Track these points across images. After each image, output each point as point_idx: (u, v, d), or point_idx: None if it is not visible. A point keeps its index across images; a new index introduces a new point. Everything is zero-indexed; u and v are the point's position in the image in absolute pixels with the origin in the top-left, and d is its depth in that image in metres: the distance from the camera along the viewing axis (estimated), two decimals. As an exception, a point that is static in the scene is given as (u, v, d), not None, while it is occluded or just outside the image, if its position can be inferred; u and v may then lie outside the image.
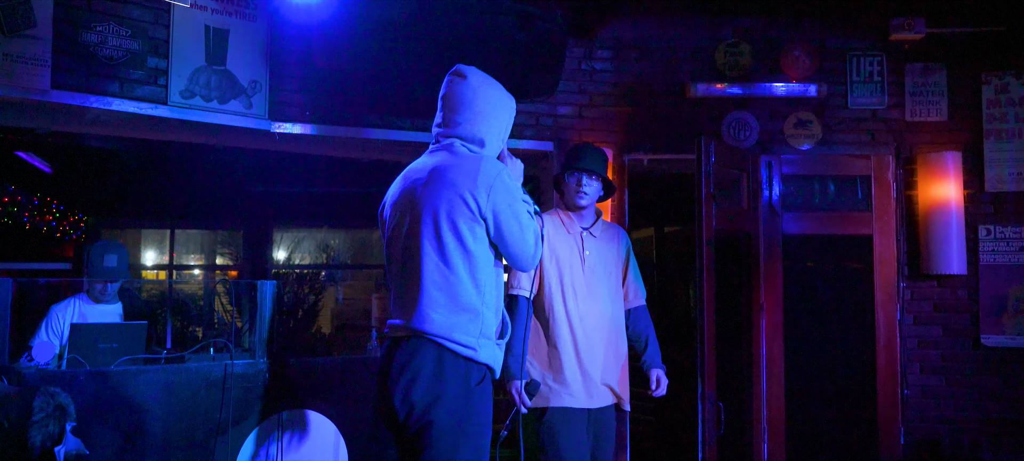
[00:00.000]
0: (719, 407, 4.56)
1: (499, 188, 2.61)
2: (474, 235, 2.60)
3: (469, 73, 2.78)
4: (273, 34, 4.68)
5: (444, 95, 2.79)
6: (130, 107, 4.25)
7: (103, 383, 3.79)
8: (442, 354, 2.57)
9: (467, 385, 2.58)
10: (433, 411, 2.55)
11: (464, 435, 2.56)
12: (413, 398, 2.56)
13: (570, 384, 3.59)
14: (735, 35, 5.33)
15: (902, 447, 5.08)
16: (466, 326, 2.59)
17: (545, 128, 5.25)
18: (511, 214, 2.63)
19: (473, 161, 2.64)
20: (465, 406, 2.58)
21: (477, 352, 2.60)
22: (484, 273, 2.64)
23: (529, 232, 2.68)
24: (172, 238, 10.42)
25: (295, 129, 4.71)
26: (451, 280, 2.59)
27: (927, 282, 5.21)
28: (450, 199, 2.59)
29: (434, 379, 2.56)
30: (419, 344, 2.59)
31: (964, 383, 5.14)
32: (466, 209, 2.58)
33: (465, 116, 2.73)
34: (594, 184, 3.74)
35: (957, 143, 5.24)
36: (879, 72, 5.33)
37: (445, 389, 2.55)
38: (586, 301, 3.66)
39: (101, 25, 4.17)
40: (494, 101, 2.78)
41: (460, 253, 2.60)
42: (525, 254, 2.70)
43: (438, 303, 2.59)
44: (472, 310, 2.61)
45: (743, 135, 5.26)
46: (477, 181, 2.59)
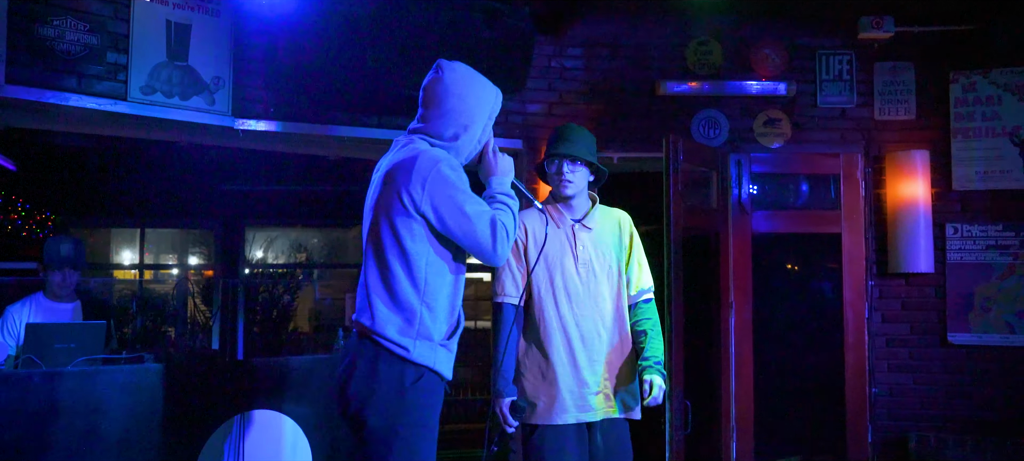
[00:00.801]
0: (687, 405, 4.55)
1: (435, 181, 2.51)
2: (411, 233, 2.54)
3: (445, 69, 2.69)
4: (237, 29, 4.61)
5: (422, 88, 2.73)
6: (89, 103, 4.18)
7: (59, 384, 3.71)
8: (379, 352, 2.55)
9: (401, 385, 2.53)
10: (366, 409, 2.53)
11: (397, 436, 2.51)
12: (349, 394, 2.55)
13: (565, 399, 3.17)
14: (705, 33, 5.32)
15: (870, 445, 5.09)
16: (401, 325, 2.55)
17: (515, 126, 5.22)
18: (452, 205, 2.52)
19: (411, 157, 2.56)
20: (397, 406, 2.52)
21: (410, 352, 2.53)
22: (426, 272, 2.56)
23: (481, 222, 2.54)
24: (142, 237, 10.28)
25: (259, 126, 4.64)
26: (388, 278, 2.56)
27: (895, 280, 5.22)
28: (388, 197, 2.56)
29: (368, 377, 2.54)
30: (360, 341, 2.59)
31: (931, 381, 5.16)
32: (400, 206, 2.53)
33: (434, 113, 2.65)
34: (579, 170, 3.28)
35: (925, 142, 5.25)
36: (848, 71, 5.33)
37: (377, 388, 2.53)
38: (583, 303, 3.24)
39: (58, 19, 4.09)
40: (468, 100, 2.67)
41: (396, 252, 2.55)
42: (483, 247, 2.56)
43: (376, 301, 2.57)
44: (409, 309, 2.55)
45: (713, 133, 5.25)
46: (411, 177, 2.51)
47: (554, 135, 3.38)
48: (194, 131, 4.71)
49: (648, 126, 5.26)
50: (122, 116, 4.33)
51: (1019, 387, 5.04)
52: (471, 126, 2.68)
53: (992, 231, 5.12)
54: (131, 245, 10.79)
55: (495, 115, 2.77)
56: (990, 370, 5.10)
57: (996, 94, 5.17)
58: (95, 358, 3.91)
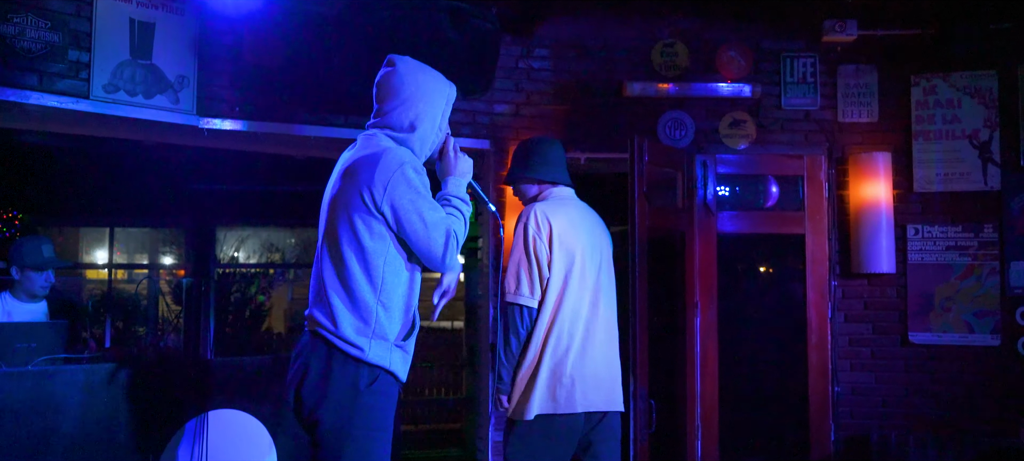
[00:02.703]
0: (651, 405, 4.58)
1: (397, 181, 2.51)
2: (370, 231, 2.53)
3: (398, 61, 2.73)
4: (202, 28, 4.59)
5: (376, 85, 2.75)
6: (50, 101, 4.14)
7: (17, 384, 3.69)
8: (332, 352, 2.52)
9: (355, 386, 2.50)
10: (319, 410, 2.50)
11: (350, 438, 2.48)
12: (303, 394, 2.53)
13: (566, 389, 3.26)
14: (671, 35, 5.36)
15: (832, 444, 5.15)
16: (357, 324, 2.52)
17: (482, 126, 5.23)
18: (412, 209, 2.53)
19: (375, 154, 2.56)
20: (350, 408, 2.49)
21: (365, 352, 2.51)
22: (384, 270, 2.55)
23: (436, 230, 2.56)
24: (111, 236, 10.21)
25: (225, 125, 4.63)
26: (346, 276, 2.53)
27: (858, 281, 5.29)
28: (348, 192, 2.54)
29: (322, 378, 2.51)
30: (313, 340, 2.56)
31: (892, 380, 5.23)
32: (361, 203, 2.51)
33: (392, 104, 2.67)
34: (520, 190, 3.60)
35: (887, 144, 5.32)
36: (812, 73, 5.40)
37: (331, 389, 2.50)
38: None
39: (18, 16, 4.05)
40: (424, 87, 2.70)
41: (354, 249, 2.53)
42: (433, 255, 2.58)
43: (333, 299, 2.53)
44: (365, 308, 2.52)
45: (679, 134, 5.30)
46: (374, 174, 2.51)
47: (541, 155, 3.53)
48: (159, 130, 4.68)
49: (615, 127, 5.29)
50: (85, 115, 4.30)
51: (978, 385, 5.12)
52: (429, 112, 2.70)
53: (952, 232, 5.20)
54: (101, 244, 10.72)
55: (451, 104, 2.80)
56: (950, 369, 5.17)
57: (956, 97, 5.26)
58: (56, 358, 3.89)
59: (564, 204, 3.44)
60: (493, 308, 5.13)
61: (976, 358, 5.13)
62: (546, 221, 3.29)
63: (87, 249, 10.93)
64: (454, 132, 5.08)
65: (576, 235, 3.36)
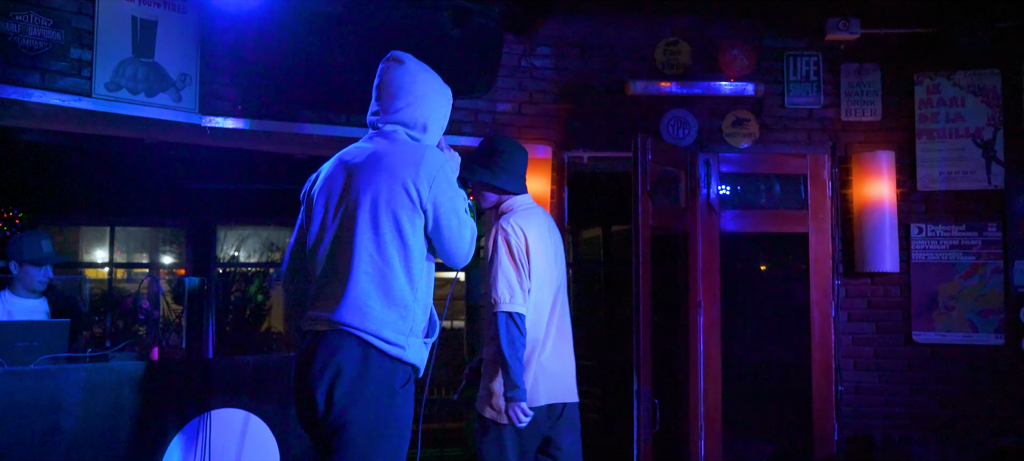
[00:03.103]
0: (655, 404, 4.57)
1: (442, 180, 2.52)
2: (413, 227, 2.49)
3: (406, 59, 2.68)
4: (204, 26, 4.58)
5: (380, 83, 2.68)
6: (52, 99, 4.13)
7: (19, 382, 3.67)
8: (368, 352, 2.44)
9: (392, 387, 2.46)
10: (352, 411, 2.42)
11: (381, 439, 2.45)
12: (335, 396, 2.43)
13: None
14: (674, 34, 5.35)
15: (836, 443, 5.14)
16: (396, 323, 2.47)
17: (484, 125, 5.22)
18: (451, 208, 2.53)
19: (416, 149, 2.54)
20: (386, 409, 2.46)
21: (405, 351, 2.48)
22: (418, 268, 2.52)
23: (466, 229, 2.58)
24: (112, 235, 10.19)
25: (227, 123, 4.62)
26: (385, 273, 2.47)
27: (861, 280, 5.28)
28: (391, 188, 2.48)
29: (358, 378, 2.43)
30: (344, 339, 2.45)
31: (896, 379, 5.22)
32: (407, 199, 2.47)
33: (405, 101, 2.62)
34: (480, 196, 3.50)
35: (891, 143, 5.31)
36: (815, 72, 5.39)
37: (367, 390, 2.43)
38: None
39: (21, 14, 4.04)
40: (433, 87, 2.69)
41: (397, 245, 2.48)
42: (461, 251, 2.60)
43: (369, 296, 2.46)
44: (404, 306, 2.49)
45: (682, 133, 5.28)
46: (420, 170, 2.48)
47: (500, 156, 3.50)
48: (161, 128, 4.67)
49: (618, 126, 5.28)
50: (87, 113, 4.28)
51: (981, 384, 5.11)
52: (437, 114, 2.69)
53: (955, 231, 5.19)
54: (102, 243, 10.70)
55: (450, 108, 2.79)
56: (953, 368, 5.16)
57: (959, 96, 5.25)
58: (58, 356, 3.88)
59: (532, 213, 3.45)
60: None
61: (980, 357, 5.12)
62: (523, 232, 3.30)
63: (87, 248, 10.91)
64: (456, 130, 5.11)
65: (544, 243, 3.39)
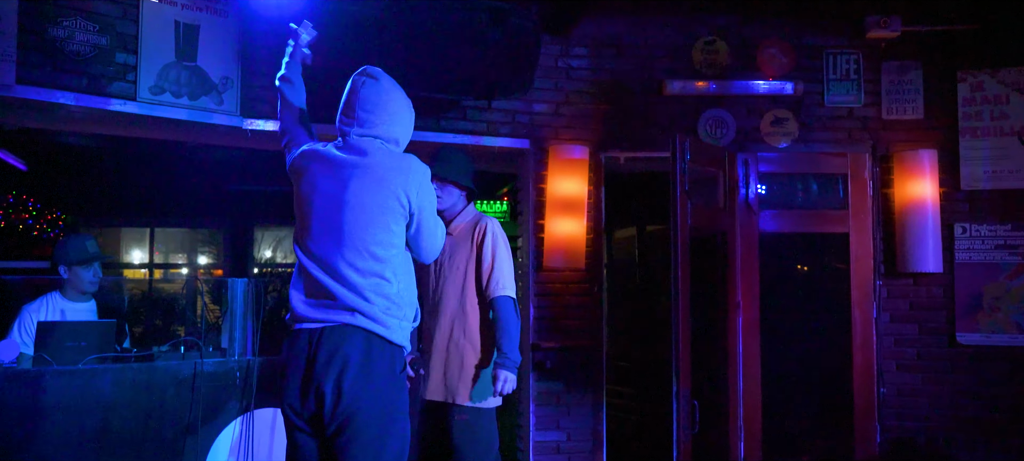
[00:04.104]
0: (694, 405, 4.55)
1: (426, 187, 2.82)
2: (399, 228, 2.77)
3: (380, 75, 2.91)
4: (244, 30, 4.63)
5: (356, 95, 2.87)
6: (98, 103, 4.20)
7: (69, 382, 3.75)
8: (371, 341, 2.65)
9: (393, 371, 2.69)
10: (362, 399, 2.60)
11: (393, 421, 2.66)
12: (344, 386, 2.59)
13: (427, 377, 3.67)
14: (712, 33, 5.32)
15: (878, 445, 5.08)
16: (389, 308, 2.70)
17: (521, 126, 5.22)
18: (431, 212, 2.85)
19: (403, 159, 2.81)
20: (391, 393, 2.67)
21: (397, 333, 2.71)
22: (405, 263, 2.81)
23: (440, 229, 2.93)
24: (152, 237, 10.35)
25: (267, 126, 4.67)
26: (377, 270, 2.70)
27: (903, 280, 5.21)
28: (383, 194, 2.72)
29: (363, 366, 2.62)
30: (347, 331, 2.64)
31: (940, 381, 5.15)
32: (398, 205, 2.73)
33: (380, 117, 2.83)
34: (446, 188, 3.65)
35: (933, 141, 5.24)
36: (855, 70, 5.32)
37: (373, 377, 2.63)
38: (441, 300, 3.66)
39: (68, 20, 4.12)
40: (404, 104, 2.92)
41: (386, 245, 2.73)
42: (434, 249, 2.92)
43: (365, 291, 2.67)
44: (393, 299, 2.72)
45: (720, 133, 5.25)
46: (409, 178, 2.75)
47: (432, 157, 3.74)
48: (203, 131, 4.73)
49: (654, 126, 5.26)
50: (131, 116, 4.35)
51: (1028, 387, 5.02)
52: (406, 129, 2.95)
53: (1000, 231, 5.11)
54: (141, 244, 10.86)
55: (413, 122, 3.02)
56: (999, 370, 5.08)
57: (1004, 93, 5.16)
58: (105, 356, 3.94)
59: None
60: (534, 308, 5.12)
61: (1026, 359, 5.04)
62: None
63: (127, 249, 11.08)
64: (494, 132, 5.13)
65: None
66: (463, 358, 3.63)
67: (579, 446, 5.11)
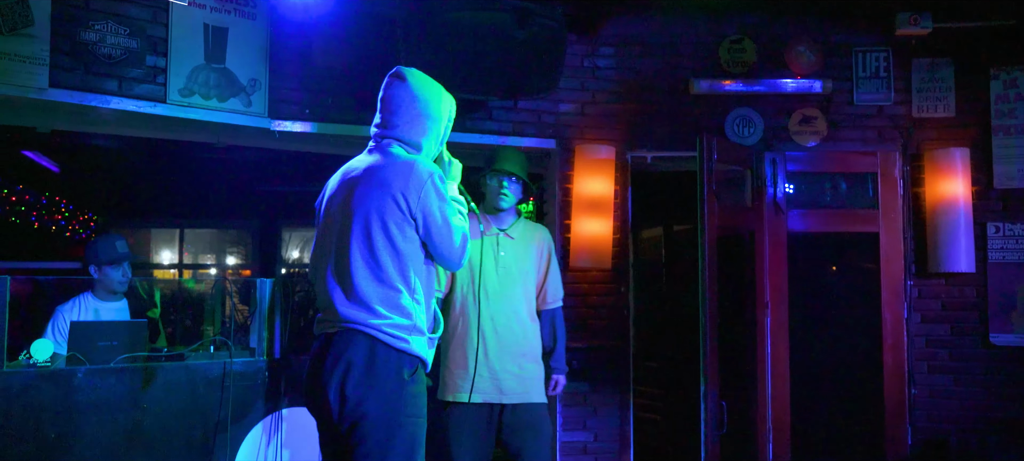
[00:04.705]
0: (722, 406, 4.52)
1: (429, 190, 2.71)
2: (403, 234, 2.70)
3: (407, 75, 2.87)
4: (272, 31, 4.66)
5: (383, 97, 2.88)
6: (129, 106, 4.25)
7: (102, 381, 3.80)
8: (374, 345, 2.63)
9: (400, 376, 2.65)
10: (366, 403, 2.60)
11: (399, 427, 2.63)
12: (347, 391, 2.60)
13: (469, 381, 3.70)
14: (739, 31, 5.28)
15: (909, 447, 5.02)
16: (397, 320, 2.67)
17: (547, 125, 5.22)
18: (439, 215, 2.74)
19: (405, 164, 2.74)
20: (398, 398, 2.64)
21: (408, 344, 2.68)
22: (414, 270, 2.74)
23: (457, 234, 2.79)
24: (181, 238, 10.45)
25: (295, 127, 4.70)
26: (381, 276, 2.67)
27: (935, 280, 5.14)
28: (382, 199, 2.69)
29: (367, 370, 2.61)
30: (351, 336, 2.64)
31: (972, 382, 5.07)
32: (397, 209, 2.68)
33: (402, 119, 2.81)
34: (516, 185, 3.88)
35: (965, 139, 5.17)
36: (885, 68, 5.26)
37: (377, 380, 2.61)
38: (499, 301, 3.77)
39: (99, 23, 4.17)
40: (431, 104, 2.86)
41: (389, 251, 2.68)
42: (452, 255, 2.80)
43: (370, 297, 2.65)
44: (403, 305, 2.69)
45: (747, 132, 5.21)
46: (409, 182, 2.69)
47: (494, 154, 3.97)
48: (231, 132, 4.77)
49: (681, 125, 5.24)
50: (161, 118, 4.40)
51: (1063, 389, 4.94)
52: (434, 129, 2.88)
53: (1035, 230, 5.03)
54: (170, 245, 10.97)
55: (452, 120, 2.98)
56: (1033, 371, 5.00)
57: (1038, 90, 5.08)
58: (137, 356, 3.99)
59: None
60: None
61: (1061, 361, 4.95)
62: None
63: (157, 250, 11.20)
64: (519, 132, 5.13)
65: None
66: (524, 359, 3.78)
67: (606, 447, 5.10)
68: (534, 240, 3.97)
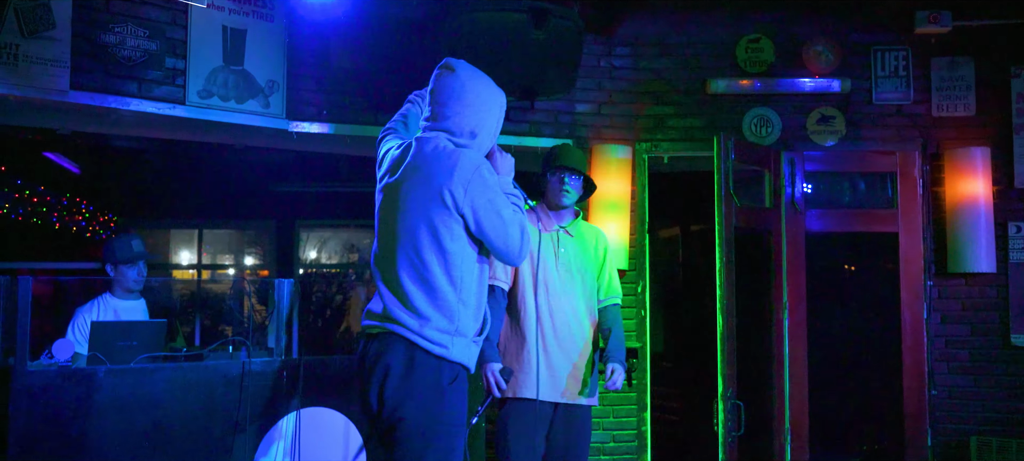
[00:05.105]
0: (739, 406, 4.51)
1: (476, 183, 2.58)
2: (451, 233, 2.58)
3: (458, 66, 2.74)
4: (290, 34, 4.70)
5: (432, 89, 2.76)
6: (148, 107, 4.29)
7: (121, 380, 3.82)
8: (413, 351, 2.56)
9: (438, 384, 2.57)
10: (403, 408, 2.54)
11: (434, 434, 2.55)
12: (385, 394, 2.56)
13: (532, 377, 3.60)
14: (756, 31, 5.26)
15: (929, 449, 4.98)
16: (440, 322, 2.57)
17: (564, 126, 5.22)
18: (491, 209, 2.60)
19: (451, 157, 2.61)
20: (436, 405, 2.56)
21: (449, 350, 2.58)
22: (462, 270, 2.61)
23: (513, 226, 2.64)
24: (200, 238, 10.51)
25: (312, 128, 4.72)
26: (426, 276, 2.57)
27: (955, 280, 5.10)
28: (427, 196, 2.58)
29: (405, 376, 2.55)
30: (391, 340, 2.58)
31: (993, 384, 5.03)
32: (442, 206, 2.57)
33: (454, 109, 2.68)
34: (578, 182, 3.82)
35: (985, 138, 5.12)
36: (904, 66, 5.23)
37: (415, 387, 2.54)
38: (558, 297, 3.70)
39: (119, 26, 4.21)
40: (484, 95, 2.74)
41: (435, 250, 2.58)
42: (510, 249, 2.66)
43: (413, 298, 2.57)
44: (447, 307, 2.59)
45: (765, 131, 5.19)
46: (453, 177, 2.56)
47: (555, 150, 3.91)
48: (249, 134, 4.81)
49: (698, 125, 5.22)
50: (180, 120, 4.44)
51: (1086, 390, 4.89)
52: (487, 122, 2.74)
53: (1056, 230, 4.98)
54: (189, 245, 11.04)
55: (504, 114, 2.83)
56: (1056, 373, 4.95)
57: (1060, 88, 5.03)
58: (156, 355, 4.02)
59: None
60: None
61: (1083, 361, 4.90)
62: None
63: (176, 250, 11.27)
64: (536, 132, 5.12)
65: None
66: (582, 358, 3.76)
67: (623, 447, 5.09)
68: (592, 237, 3.92)
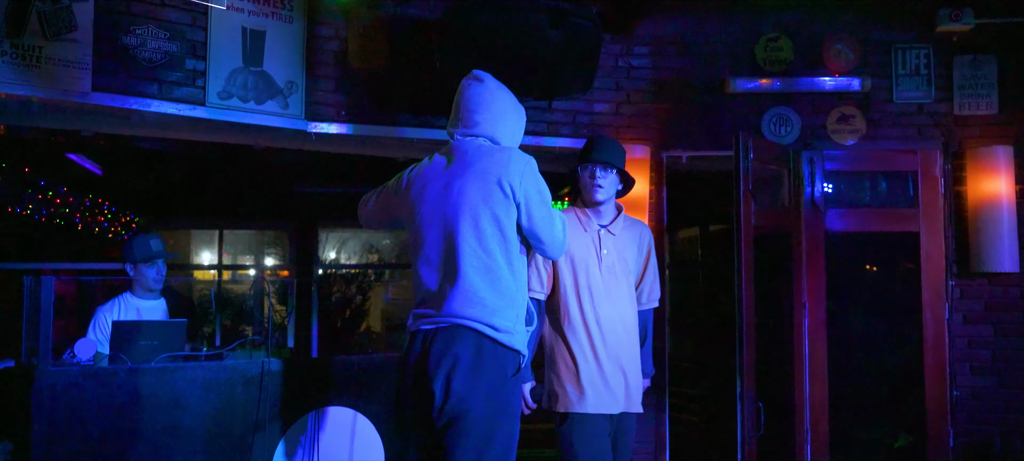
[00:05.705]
0: (759, 407, 4.48)
1: (529, 174, 2.74)
2: (510, 220, 2.72)
3: (485, 78, 2.92)
4: (309, 34, 4.72)
5: (462, 98, 2.91)
6: (169, 108, 4.33)
7: (143, 380, 3.86)
8: (482, 341, 2.65)
9: (504, 375, 2.68)
10: (470, 399, 2.62)
11: (498, 424, 2.65)
12: (453, 385, 2.62)
13: (588, 389, 3.36)
14: (776, 29, 5.23)
15: (951, 450, 4.94)
16: (505, 311, 2.69)
17: (582, 126, 5.21)
18: (541, 199, 2.76)
19: (503, 151, 2.78)
20: (501, 395, 2.67)
21: (514, 337, 2.70)
22: (517, 259, 2.75)
23: (557, 218, 2.81)
24: (221, 238, 10.58)
25: (331, 129, 4.75)
26: (490, 265, 2.69)
27: (977, 280, 5.05)
28: (486, 186, 2.70)
29: (474, 367, 2.63)
30: (459, 331, 2.66)
31: (1017, 384, 4.98)
32: (502, 194, 2.70)
33: (485, 117, 2.86)
34: (610, 176, 3.47)
35: (1008, 137, 5.07)
36: (925, 65, 5.18)
37: (484, 378, 2.63)
38: (604, 303, 3.43)
39: (140, 28, 4.25)
40: (509, 106, 2.92)
41: (498, 238, 2.70)
42: (555, 238, 2.82)
43: (479, 289, 2.67)
44: (509, 295, 2.71)
45: (784, 131, 5.16)
46: (510, 167, 2.71)
47: (587, 145, 3.59)
48: (268, 135, 4.83)
49: (717, 124, 5.20)
50: (200, 121, 4.47)
51: (1111, 392, 4.82)
52: (512, 130, 2.93)
53: (1081, 229, 4.92)
54: (210, 246, 11.12)
55: (524, 125, 3.02)
56: (1079, 373, 4.89)
57: (1085, 86, 4.97)
58: (177, 355, 4.05)
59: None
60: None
61: (1109, 362, 4.84)
62: None
63: (197, 251, 11.36)
64: (554, 132, 5.12)
65: None
66: (632, 364, 3.49)
67: (642, 447, 5.07)
68: (636, 236, 3.61)
